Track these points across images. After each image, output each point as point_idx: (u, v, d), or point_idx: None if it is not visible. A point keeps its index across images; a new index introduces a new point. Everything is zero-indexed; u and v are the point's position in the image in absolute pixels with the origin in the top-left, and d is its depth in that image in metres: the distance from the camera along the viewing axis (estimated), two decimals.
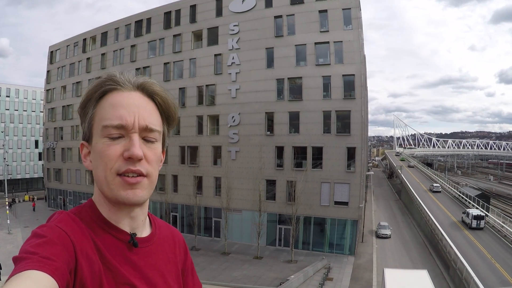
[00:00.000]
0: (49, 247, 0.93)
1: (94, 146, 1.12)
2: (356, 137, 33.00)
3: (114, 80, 1.13)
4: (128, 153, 1.07)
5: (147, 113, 1.13)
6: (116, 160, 1.07)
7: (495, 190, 79.68)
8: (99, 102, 1.13)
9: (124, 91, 1.13)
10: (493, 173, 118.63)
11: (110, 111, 1.10)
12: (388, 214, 52.21)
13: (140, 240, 1.20)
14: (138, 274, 1.14)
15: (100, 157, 1.09)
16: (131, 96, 1.13)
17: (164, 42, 42.95)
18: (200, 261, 31.79)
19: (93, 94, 1.13)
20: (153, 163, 1.14)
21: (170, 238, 1.40)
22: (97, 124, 1.11)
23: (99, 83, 1.14)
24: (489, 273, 24.47)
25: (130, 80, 1.15)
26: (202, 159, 39.89)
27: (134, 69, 41.96)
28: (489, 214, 38.94)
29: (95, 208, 1.17)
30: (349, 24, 33.81)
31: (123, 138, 1.09)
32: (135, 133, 1.10)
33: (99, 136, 1.10)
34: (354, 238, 33.69)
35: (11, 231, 41.99)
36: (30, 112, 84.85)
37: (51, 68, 57.99)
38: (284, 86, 35.84)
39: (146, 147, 1.12)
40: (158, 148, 1.17)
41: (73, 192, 53.94)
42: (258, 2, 37.20)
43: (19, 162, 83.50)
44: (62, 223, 1.05)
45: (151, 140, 1.14)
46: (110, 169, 1.07)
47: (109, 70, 1.20)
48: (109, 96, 1.12)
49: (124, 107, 1.10)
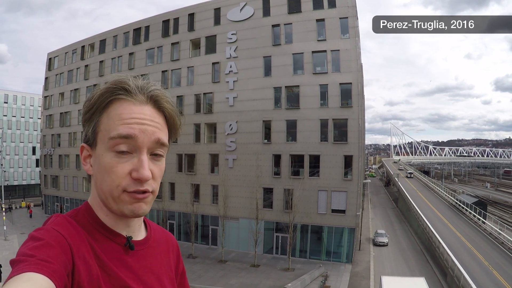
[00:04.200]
0: (47, 250, 0.93)
1: (99, 156, 1.10)
2: (353, 145, 33.08)
3: (126, 89, 1.10)
4: (137, 174, 1.06)
5: (158, 127, 1.13)
6: (124, 179, 1.07)
7: (492, 197, 79.79)
8: (106, 109, 1.10)
9: (135, 103, 1.11)
10: (490, 181, 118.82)
11: (118, 122, 1.08)
12: (385, 222, 52.14)
13: (135, 243, 1.21)
14: (135, 277, 1.15)
15: (107, 172, 1.08)
16: (142, 111, 1.10)
17: (162, 50, 43.07)
18: (197, 269, 31.68)
19: (101, 100, 1.11)
20: (158, 179, 1.14)
21: (164, 241, 1.40)
22: (104, 134, 1.09)
23: (108, 89, 1.11)
24: (487, 280, 24.47)
25: (142, 90, 1.13)
26: (199, 167, 39.85)
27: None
28: (486, 221, 39.06)
29: (91, 212, 1.17)
30: (346, 33, 34.04)
31: (131, 156, 1.08)
32: (144, 152, 1.09)
33: (106, 148, 1.08)
34: (351, 246, 33.65)
35: (8, 237, 41.76)
36: (28, 118, 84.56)
37: (49, 75, 57.99)
38: (282, 94, 35.95)
39: (153, 164, 1.12)
40: (163, 163, 1.17)
41: (70, 199, 53.60)
42: (256, 11, 37.45)
43: (16, 169, 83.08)
44: (59, 226, 1.05)
45: (160, 154, 1.14)
46: (117, 186, 1.07)
47: (120, 74, 1.15)
48: (118, 106, 1.10)
49: (135, 121, 1.08)
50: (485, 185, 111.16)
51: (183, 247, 37.29)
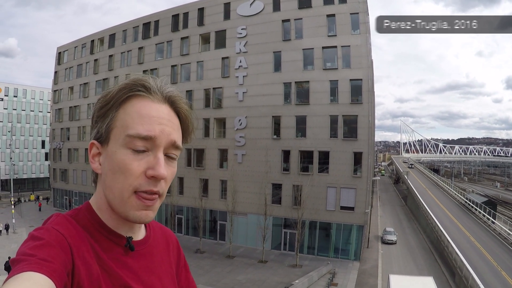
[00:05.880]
0: (47, 249, 0.93)
1: (112, 153, 1.06)
2: (363, 142, 32.89)
3: (145, 86, 1.08)
4: (154, 172, 1.03)
5: (174, 128, 1.11)
6: (138, 177, 1.03)
7: (501, 197, 79.00)
8: (123, 105, 1.07)
9: (154, 101, 1.08)
10: (500, 180, 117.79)
11: (137, 120, 1.04)
12: (394, 220, 51.89)
13: (135, 243, 1.19)
14: (135, 277, 1.14)
15: (120, 169, 1.04)
16: (161, 109, 1.08)
17: (172, 44, 43.11)
18: (204, 264, 31.76)
19: (119, 96, 1.08)
20: (168, 182, 1.11)
21: (163, 239, 1.39)
22: (120, 130, 1.05)
23: (127, 85, 1.08)
24: (495, 281, 24.24)
25: (161, 89, 1.11)
26: (208, 162, 39.91)
27: (142, 71, 42.08)
28: (495, 221, 38.66)
29: (92, 212, 1.15)
30: (357, 29, 33.77)
31: (147, 154, 1.04)
32: (160, 150, 1.06)
33: (121, 145, 1.04)
34: (359, 243, 33.51)
35: (16, 230, 42.28)
36: (37, 112, 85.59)
37: (59, 69, 58.41)
38: (291, 90, 35.81)
39: (166, 165, 1.08)
40: (175, 167, 1.14)
41: (79, 192, 54.15)
42: (266, 6, 37.27)
43: (25, 162, 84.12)
44: (59, 226, 1.04)
45: (174, 156, 1.11)
46: (129, 185, 1.04)
47: (138, 74, 1.13)
48: (136, 102, 1.07)
49: (154, 120, 1.05)
50: (495, 184, 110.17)
51: (191, 242, 37.50)
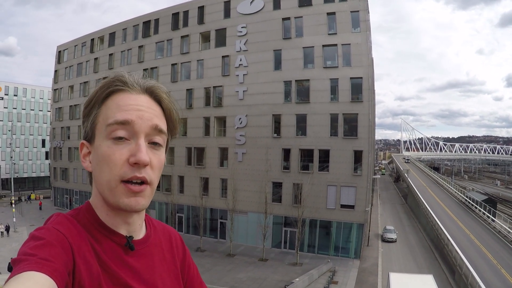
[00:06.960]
0: (48, 249, 0.93)
1: (97, 147, 1.09)
2: (363, 140, 32.88)
3: (122, 80, 1.12)
4: (135, 158, 1.04)
5: (155, 115, 1.12)
6: (122, 166, 1.05)
7: (501, 195, 79.02)
8: (104, 102, 1.11)
9: (132, 92, 1.12)
10: (500, 178, 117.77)
11: (115, 110, 1.08)
12: (394, 218, 51.95)
13: (136, 242, 1.19)
14: (136, 276, 1.14)
15: (104, 160, 1.06)
16: (139, 99, 1.11)
17: (172, 43, 43.09)
18: (205, 263, 31.77)
19: (99, 94, 1.12)
20: (156, 170, 1.12)
21: (166, 238, 1.39)
22: (101, 123, 1.09)
23: (106, 83, 1.12)
24: (495, 279, 24.23)
25: (139, 82, 1.14)
26: (208, 161, 39.92)
27: (142, 70, 42.10)
28: (495, 219, 38.65)
29: (92, 211, 1.16)
30: (357, 27, 33.74)
31: (128, 142, 1.07)
32: (141, 137, 1.08)
33: (103, 137, 1.08)
34: (359, 241, 33.54)
35: (17, 229, 42.28)
36: (38, 111, 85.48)
37: (59, 67, 58.40)
38: (292, 88, 35.79)
39: (151, 152, 1.10)
40: (163, 155, 1.15)
41: (79, 191, 54.21)
42: (266, 4, 37.23)
43: (25, 161, 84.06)
44: (59, 225, 1.05)
45: (158, 142, 1.12)
46: (115, 175, 1.05)
47: (117, 70, 1.17)
48: (116, 96, 1.11)
49: (131, 107, 1.09)
50: (495, 182, 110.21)
51: (191, 240, 37.49)
